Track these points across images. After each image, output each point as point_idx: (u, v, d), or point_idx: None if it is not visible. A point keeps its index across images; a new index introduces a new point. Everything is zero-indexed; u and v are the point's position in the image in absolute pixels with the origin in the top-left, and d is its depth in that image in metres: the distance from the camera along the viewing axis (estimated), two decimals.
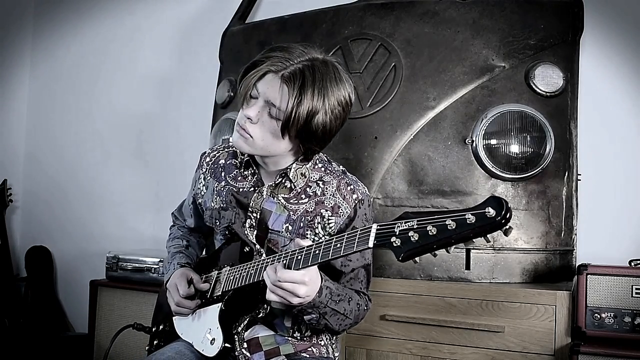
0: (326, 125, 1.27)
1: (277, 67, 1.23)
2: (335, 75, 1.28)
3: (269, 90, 1.24)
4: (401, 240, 0.96)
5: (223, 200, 1.43)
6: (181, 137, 2.90)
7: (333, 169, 1.40)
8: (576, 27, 1.95)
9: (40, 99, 3.43)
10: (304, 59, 1.25)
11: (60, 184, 3.29)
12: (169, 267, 1.49)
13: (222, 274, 1.38)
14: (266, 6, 2.72)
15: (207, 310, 1.37)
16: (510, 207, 0.87)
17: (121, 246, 2.86)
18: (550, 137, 1.85)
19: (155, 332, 1.54)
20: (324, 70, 1.25)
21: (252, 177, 1.42)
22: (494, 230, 0.88)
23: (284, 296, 1.16)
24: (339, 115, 1.28)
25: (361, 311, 1.35)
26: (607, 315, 1.61)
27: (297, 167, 1.36)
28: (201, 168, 1.52)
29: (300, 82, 1.22)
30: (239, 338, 1.35)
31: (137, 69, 3.10)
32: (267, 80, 1.25)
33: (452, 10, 1.98)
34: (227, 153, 1.50)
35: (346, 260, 1.34)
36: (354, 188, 1.36)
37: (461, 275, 1.87)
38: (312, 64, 1.24)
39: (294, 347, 1.39)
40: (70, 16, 3.33)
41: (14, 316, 2.88)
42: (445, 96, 1.94)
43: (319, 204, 1.34)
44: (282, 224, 1.35)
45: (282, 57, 1.24)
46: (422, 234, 0.94)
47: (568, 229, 1.88)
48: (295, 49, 1.26)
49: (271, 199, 1.38)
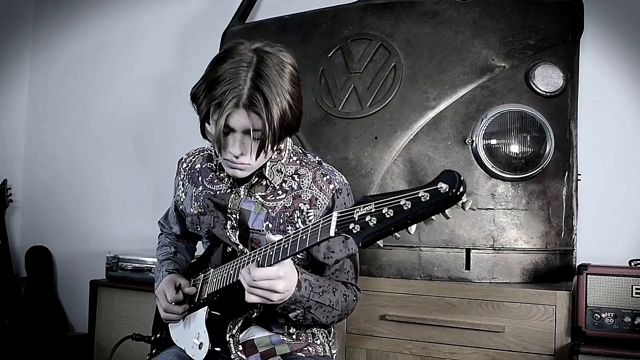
0: (296, 110, 1.26)
1: (234, 102, 1.20)
2: (275, 63, 1.24)
3: (241, 122, 1.22)
4: (360, 225, 0.94)
5: (200, 205, 1.42)
6: (181, 137, 2.90)
7: (308, 160, 1.40)
8: (576, 27, 1.95)
9: (40, 99, 3.43)
10: (247, 74, 1.21)
11: (60, 184, 3.29)
12: (158, 275, 1.49)
13: (207, 277, 1.37)
14: (266, 6, 2.72)
15: (196, 314, 1.37)
16: (464, 180, 0.85)
17: (121, 246, 2.85)
18: (550, 137, 1.85)
19: (154, 340, 1.54)
20: (267, 70, 1.22)
21: (229, 179, 1.41)
22: (449, 205, 0.86)
23: (263, 295, 1.15)
24: (297, 92, 1.27)
25: (349, 302, 1.34)
26: (607, 315, 1.61)
27: (271, 165, 1.35)
28: (179, 174, 1.51)
29: (262, 100, 1.20)
30: (234, 340, 1.33)
31: (137, 68, 3.10)
32: (233, 116, 1.21)
33: (452, 10, 1.98)
34: (202, 157, 1.50)
35: (329, 252, 1.33)
36: (330, 178, 1.35)
37: (461, 275, 1.87)
38: (256, 72, 1.21)
39: (289, 347, 1.39)
40: (70, 16, 3.33)
41: (14, 316, 2.88)
42: (445, 96, 1.94)
43: (296, 198, 1.34)
44: (261, 222, 1.35)
45: (230, 88, 1.20)
46: (380, 217, 0.92)
47: (568, 229, 1.88)
48: (230, 67, 1.21)
49: (249, 198, 1.37)
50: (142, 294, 2.44)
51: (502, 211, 1.87)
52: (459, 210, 1.87)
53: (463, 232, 1.88)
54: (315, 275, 1.28)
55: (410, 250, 1.91)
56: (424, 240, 1.90)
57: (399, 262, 1.92)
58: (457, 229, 1.88)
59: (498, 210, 1.87)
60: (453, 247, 1.88)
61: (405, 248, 1.91)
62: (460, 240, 1.87)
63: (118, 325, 2.47)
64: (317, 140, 2.06)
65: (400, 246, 1.91)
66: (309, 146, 2.06)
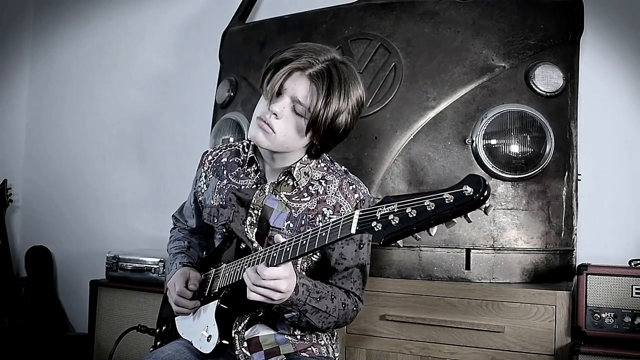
0: (347, 125, 1.31)
1: (303, 65, 1.26)
2: (355, 75, 1.32)
3: (298, 88, 1.26)
4: (382, 224, 0.95)
5: (223, 198, 1.43)
6: (181, 137, 2.90)
7: (335, 168, 1.42)
8: (576, 27, 1.95)
9: (40, 98, 3.43)
10: (327, 58, 1.28)
11: (61, 184, 3.29)
12: (171, 268, 1.50)
13: (219, 271, 1.38)
14: (266, 6, 2.72)
15: (206, 308, 1.38)
16: (489, 185, 0.87)
17: (121, 246, 2.86)
18: (550, 137, 1.85)
19: (159, 333, 1.55)
20: (346, 71, 1.29)
21: (255, 174, 1.42)
22: (472, 208, 0.88)
23: (266, 294, 1.16)
24: (357, 114, 1.33)
25: (348, 311, 1.34)
26: (607, 315, 1.61)
27: (300, 166, 1.37)
28: (203, 166, 1.52)
29: (328, 82, 1.25)
30: (239, 337, 1.35)
31: (137, 68, 3.10)
32: (294, 78, 1.27)
33: (452, 10, 1.98)
34: (229, 152, 1.50)
35: (341, 258, 1.34)
36: (356, 188, 1.37)
37: (461, 275, 1.87)
38: (335, 64, 1.28)
39: (294, 346, 1.39)
40: (70, 16, 3.33)
41: (14, 316, 2.88)
42: (445, 96, 1.94)
43: (320, 203, 1.35)
44: (283, 221, 1.35)
45: (308, 56, 1.26)
46: (402, 216, 0.93)
47: (568, 229, 1.88)
48: (318, 48, 1.29)
49: (273, 196, 1.38)
50: (142, 293, 2.44)
51: (502, 211, 1.87)
52: None
53: (463, 232, 1.88)
54: (314, 280, 1.29)
55: (410, 250, 1.90)
56: (424, 241, 1.89)
57: (399, 262, 1.92)
58: (457, 229, 1.88)
59: (498, 210, 1.87)
60: (453, 247, 1.88)
61: (405, 248, 1.91)
62: (460, 240, 1.87)
63: (118, 325, 2.47)
64: None
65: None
66: None
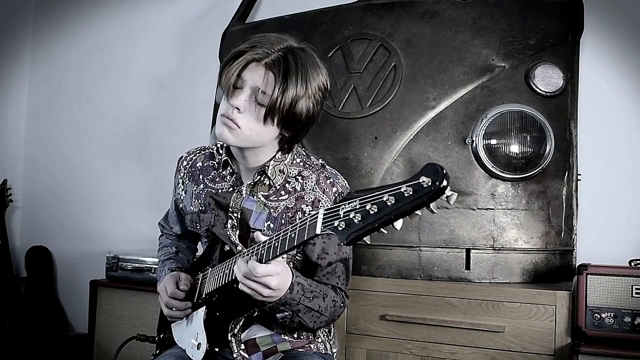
0: (310, 110, 1.29)
1: (259, 55, 1.25)
2: (314, 61, 1.31)
3: (255, 77, 1.26)
4: (345, 223, 0.92)
5: (202, 203, 1.42)
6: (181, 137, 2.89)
7: (312, 162, 1.40)
8: (576, 27, 1.94)
9: (40, 99, 3.43)
10: (283, 46, 1.27)
11: (60, 184, 3.29)
12: (160, 275, 1.50)
13: (206, 276, 1.37)
14: (266, 6, 2.72)
15: (196, 314, 1.37)
16: (447, 173, 0.83)
17: (121, 246, 2.85)
18: (550, 137, 1.85)
19: (159, 340, 1.54)
20: (304, 57, 1.28)
21: (231, 177, 1.41)
22: (432, 199, 0.84)
23: (255, 288, 1.15)
24: (320, 100, 1.31)
25: (337, 308, 1.34)
26: (607, 315, 1.61)
27: (274, 164, 1.36)
28: (179, 172, 1.51)
29: (285, 68, 1.24)
30: (236, 340, 1.33)
31: (137, 68, 3.10)
32: (251, 69, 1.26)
33: (452, 10, 1.98)
34: (203, 155, 1.50)
35: (323, 253, 1.33)
36: (334, 181, 1.35)
37: (461, 275, 1.87)
38: (292, 51, 1.27)
39: (291, 344, 1.39)
40: (70, 16, 3.32)
41: (14, 316, 2.88)
42: (445, 96, 1.94)
43: (299, 200, 1.33)
44: (263, 222, 1.34)
45: (262, 46, 1.26)
46: (364, 214, 0.89)
47: (568, 229, 1.88)
48: (273, 37, 1.29)
49: (251, 197, 1.37)
50: (142, 294, 2.44)
51: (502, 211, 1.87)
52: (458, 210, 1.88)
53: (463, 232, 1.88)
54: (308, 279, 1.28)
55: (410, 250, 1.91)
56: (424, 240, 1.90)
57: (399, 262, 1.92)
58: (457, 229, 1.88)
59: (498, 210, 1.87)
60: (453, 247, 1.88)
61: (405, 248, 1.91)
62: (460, 240, 1.87)
63: (118, 325, 2.47)
64: (317, 140, 2.06)
65: (400, 246, 1.91)
66: (309, 146, 2.06)
